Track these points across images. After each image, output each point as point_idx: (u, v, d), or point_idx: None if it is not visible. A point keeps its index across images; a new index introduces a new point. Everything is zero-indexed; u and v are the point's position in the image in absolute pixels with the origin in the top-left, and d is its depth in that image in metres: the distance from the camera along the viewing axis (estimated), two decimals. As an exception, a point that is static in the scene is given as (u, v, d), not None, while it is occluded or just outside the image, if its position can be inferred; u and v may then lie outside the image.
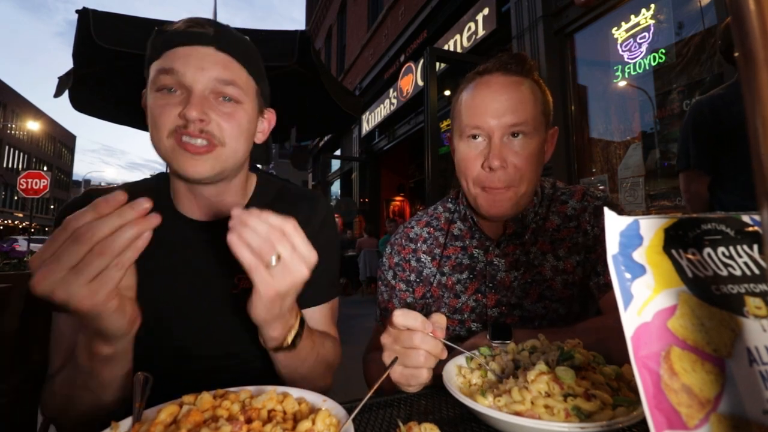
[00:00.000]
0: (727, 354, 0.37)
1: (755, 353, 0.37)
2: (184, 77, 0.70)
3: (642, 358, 0.38)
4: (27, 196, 10.22)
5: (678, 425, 0.35)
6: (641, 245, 0.42)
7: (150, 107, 0.73)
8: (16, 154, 40.14)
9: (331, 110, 3.63)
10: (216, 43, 0.73)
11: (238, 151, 0.77)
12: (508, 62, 0.91)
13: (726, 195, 1.94)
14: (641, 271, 0.41)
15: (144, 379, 0.53)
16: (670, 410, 0.35)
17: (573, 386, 0.57)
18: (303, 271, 0.58)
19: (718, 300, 0.39)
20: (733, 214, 0.44)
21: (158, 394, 0.56)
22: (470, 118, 0.90)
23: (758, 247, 0.42)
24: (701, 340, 0.38)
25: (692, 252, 0.42)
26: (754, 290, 0.40)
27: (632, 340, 0.38)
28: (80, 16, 2.57)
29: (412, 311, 0.68)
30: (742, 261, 0.41)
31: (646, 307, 0.40)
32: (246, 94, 0.77)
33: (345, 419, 0.51)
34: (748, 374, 0.36)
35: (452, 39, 6.48)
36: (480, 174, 0.91)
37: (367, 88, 10.56)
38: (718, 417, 0.35)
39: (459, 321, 1.01)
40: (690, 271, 0.41)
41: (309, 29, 16.18)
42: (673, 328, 0.39)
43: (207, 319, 0.81)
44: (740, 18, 0.24)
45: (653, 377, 0.37)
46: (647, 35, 3.81)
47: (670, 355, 0.38)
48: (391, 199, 12.27)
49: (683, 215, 0.44)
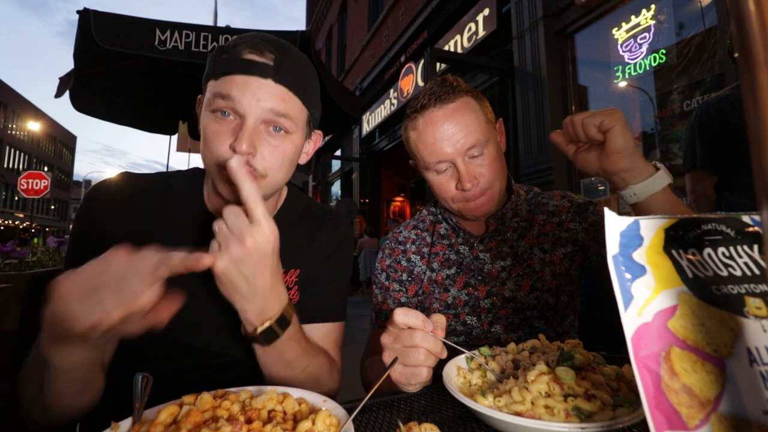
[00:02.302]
0: (728, 354, 0.37)
1: (755, 353, 0.37)
2: (239, 105, 0.71)
3: (642, 358, 0.38)
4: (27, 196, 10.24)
5: (678, 426, 0.35)
6: (641, 245, 0.42)
7: (203, 127, 0.75)
8: (17, 155, 40.19)
9: (331, 111, 3.64)
10: (275, 75, 0.73)
11: (277, 180, 0.79)
12: (439, 93, 0.96)
13: (733, 195, 1.94)
14: (641, 271, 0.41)
15: (144, 380, 0.53)
16: (670, 410, 0.36)
17: (573, 386, 0.57)
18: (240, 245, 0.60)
19: (719, 300, 0.39)
20: (733, 214, 0.44)
21: (159, 392, 0.56)
22: (431, 156, 0.96)
23: (758, 248, 0.42)
24: (701, 340, 0.38)
25: (692, 252, 0.42)
26: (754, 290, 0.40)
27: (632, 340, 0.38)
28: (81, 17, 2.58)
29: (413, 310, 0.68)
30: (742, 261, 0.41)
31: (646, 307, 0.40)
32: (296, 126, 0.78)
33: (345, 419, 0.51)
34: (748, 374, 0.36)
35: (453, 39, 6.48)
36: (456, 194, 0.97)
37: (368, 89, 10.57)
38: (718, 417, 0.35)
39: (454, 315, 1.04)
40: (690, 271, 0.41)
41: (309, 29, 16.18)
42: (673, 328, 0.39)
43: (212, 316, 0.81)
44: (740, 18, 0.24)
45: (653, 377, 0.37)
46: (648, 36, 3.81)
47: (671, 355, 0.38)
48: (392, 200, 12.28)
49: (683, 216, 0.44)
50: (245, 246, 0.60)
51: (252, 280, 0.62)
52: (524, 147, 4.76)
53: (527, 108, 4.76)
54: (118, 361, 0.78)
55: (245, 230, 0.60)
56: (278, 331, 0.67)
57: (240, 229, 0.60)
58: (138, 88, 3.54)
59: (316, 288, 0.87)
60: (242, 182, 0.60)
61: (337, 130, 10.08)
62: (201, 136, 0.76)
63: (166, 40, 2.73)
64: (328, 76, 3.26)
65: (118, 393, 0.76)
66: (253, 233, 0.60)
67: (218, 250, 0.60)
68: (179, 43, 2.75)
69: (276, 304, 0.67)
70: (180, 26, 2.80)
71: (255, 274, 0.62)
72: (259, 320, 0.65)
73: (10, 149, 38.79)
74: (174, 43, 2.74)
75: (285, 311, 0.68)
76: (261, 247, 0.61)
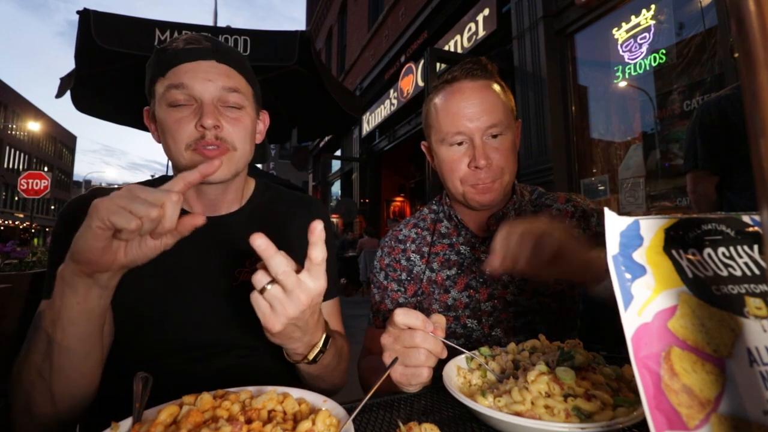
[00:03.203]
0: (728, 354, 0.37)
1: (755, 354, 0.37)
2: (193, 90, 0.77)
3: (642, 358, 0.38)
4: (27, 196, 10.24)
5: (678, 426, 0.35)
6: (641, 246, 0.42)
7: (163, 122, 0.79)
8: (17, 155, 40.17)
9: (331, 111, 3.64)
10: (215, 56, 0.80)
11: (246, 153, 0.84)
12: (472, 68, 0.98)
13: (733, 195, 1.94)
14: (641, 271, 0.41)
15: (144, 380, 0.53)
16: (670, 411, 0.35)
17: (573, 386, 0.57)
18: (303, 301, 0.58)
19: (719, 300, 0.39)
20: (733, 214, 0.44)
21: (159, 392, 0.56)
22: (450, 125, 0.96)
23: (758, 248, 0.42)
24: (701, 340, 0.38)
25: (692, 252, 0.42)
26: (754, 291, 0.40)
27: (632, 340, 0.38)
28: (81, 17, 2.58)
29: (413, 310, 0.68)
30: (742, 261, 0.41)
31: (646, 307, 0.40)
32: (246, 99, 0.84)
33: (345, 419, 0.51)
34: (748, 375, 0.36)
35: (453, 39, 6.48)
36: (467, 173, 0.97)
37: (368, 89, 10.57)
38: (718, 417, 0.35)
39: (454, 317, 1.03)
40: (690, 271, 0.41)
41: (309, 29, 16.18)
42: (673, 328, 0.39)
43: (208, 312, 0.82)
44: (740, 18, 0.24)
45: (653, 378, 0.37)
46: (648, 36, 3.81)
47: (671, 355, 0.38)
48: (392, 200, 12.27)
49: (683, 215, 0.44)
50: (302, 305, 0.58)
51: (305, 327, 0.64)
52: (524, 147, 4.76)
53: (527, 108, 4.76)
54: (118, 361, 0.78)
55: (301, 289, 0.58)
56: (324, 349, 0.71)
57: (294, 289, 0.58)
58: (138, 88, 3.54)
59: None
60: (315, 245, 0.58)
61: (337, 130, 10.07)
62: (161, 132, 0.80)
63: (165, 40, 2.73)
64: (328, 76, 3.26)
65: (118, 393, 0.76)
66: (310, 289, 0.59)
67: (272, 312, 0.58)
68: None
69: (320, 332, 0.70)
70: (179, 26, 2.80)
71: (308, 323, 0.63)
72: (308, 350, 0.69)
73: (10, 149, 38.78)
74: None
75: (327, 332, 0.72)
76: (315, 300, 0.60)
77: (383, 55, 9.54)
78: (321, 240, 0.58)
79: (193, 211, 0.87)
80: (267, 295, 0.58)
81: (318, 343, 0.69)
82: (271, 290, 0.58)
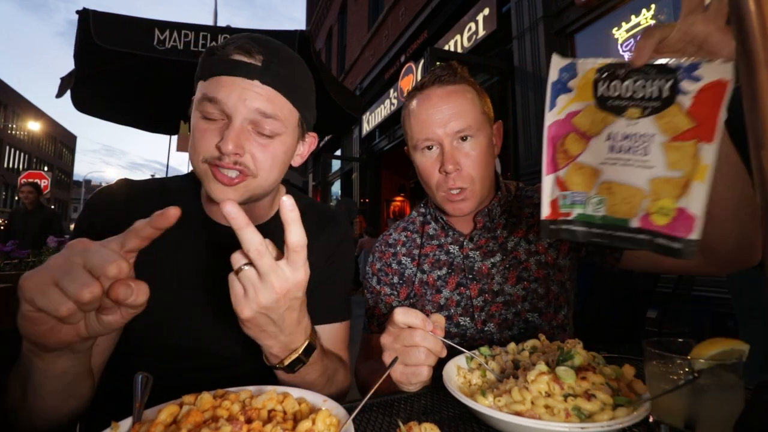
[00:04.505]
0: (595, 134, 0.62)
1: (612, 133, 0.60)
2: (225, 106, 0.71)
3: (551, 138, 0.65)
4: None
5: (554, 168, 0.65)
6: (576, 77, 0.63)
7: (192, 127, 0.75)
8: (17, 155, 40.14)
9: (331, 110, 3.63)
10: (262, 76, 0.72)
11: (269, 180, 0.78)
12: (441, 75, 0.99)
13: None
14: (568, 90, 0.64)
15: (144, 380, 0.53)
16: (553, 162, 0.65)
17: (573, 386, 0.57)
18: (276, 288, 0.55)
19: (608, 107, 0.61)
20: (663, 61, 0.57)
21: (160, 392, 0.56)
22: (420, 132, 0.98)
23: (672, 82, 0.56)
24: (584, 127, 0.63)
25: (611, 81, 0.60)
26: (641, 104, 0.58)
27: (548, 128, 0.65)
28: (80, 17, 2.58)
29: (412, 309, 0.68)
30: (650, 89, 0.58)
31: (563, 110, 0.64)
32: (285, 126, 0.77)
33: (345, 419, 0.51)
34: (600, 143, 0.61)
35: (453, 39, 6.48)
36: (439, 179, 0.98)
37: (368, 89, 10.56)
38: (574, 163, 0.63)
39: (447, 317, 1.03)
40: (599, 91, 0.61)
41: (309, 29, 16.17)
42: (574, 122, 0.63)
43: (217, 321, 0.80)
44: (740, 18, 0.24)
45: (552, 148, 0.65)
46: (648, 35, 3.81)
47: (567, 137, 0.64)
48: (392, 200, 12.27)
49: (613, 60, 0.61)
50: (276, 293, 0.55)
51: (280, 322, 0.59)
52: (524, 147, 4.76)
53: (527, 108, 4.76)
54: (117, 361, 0.78)
55: (276, 275, 0.54)
56: (303, 359, 0.66)
57: (269, 273, 0.54)
58: (138, 87, 3.54)
59: (320, 289, 0.86)
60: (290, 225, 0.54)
61: (337, 130, 10.07)
62: (191, 136, 0.76)
63: (165, 39, 2.73)
64: (328, 76, 3.26)
65: (118, 393, 0.76)
66: (287, 278, 0.55)
67: (244, 296, 0.55)
68: (178, 42, 2.75)
69: (301, 336, 0.65)
70: (179, 26, 2.80)
71: (283, 317, 0.59)
72: (285, 353, 0.64)
73: (10, 149, 38.76)
74: (173, 42, 2.74)
75: (310, 339, 0.67)
76: (293, 293, 0.57)
77: (383, 54, 9.54)
78: (296, 221, 0.54)
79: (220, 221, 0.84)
80: (241, 277, 0.55)
81: (298, 348, 0.64)
82: (246, 272, 0.54)
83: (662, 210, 0.55)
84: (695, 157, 0.54)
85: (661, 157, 0.56)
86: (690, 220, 0.53)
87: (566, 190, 0.63)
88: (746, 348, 0.51)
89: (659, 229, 0.56)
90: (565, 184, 0.63)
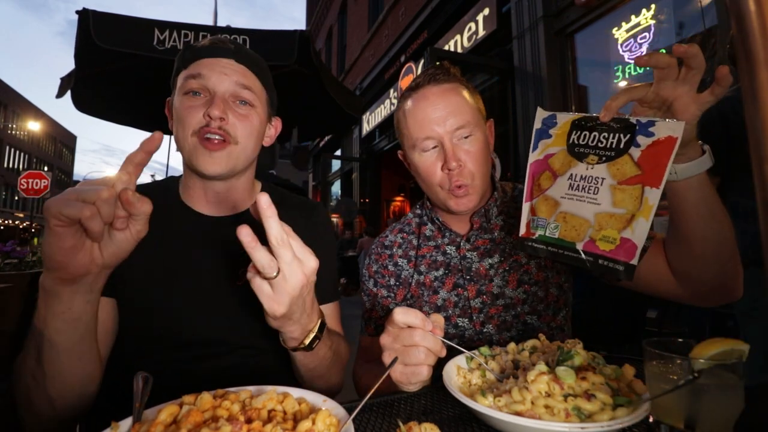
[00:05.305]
0: (562, 173, 0.74)
1: (573, 174, 0.72)
2: (208, 81, 0.83)
3: (532, 174, 0.78)
4: (28, 196, 10.23)
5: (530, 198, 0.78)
6: (556, 125, 0.77)
7: (177, 109, 0.84)
8: (17, 155, 40.14)
9: (331, 110, 3.64)
10: (235, 56, 0.87)
11: (248, 149, 0.87)
12: (435, 74, 1.01)
13: (736, 196, 1.94)
14: (549, 136, 0.78)
15: (144, 380, 0.53)
16: (531, 193, 0.78)
17: (573, 386, 0.57)
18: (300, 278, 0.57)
19: (575, 153, 0.74)
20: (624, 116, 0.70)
21: (162, 389, 0.56)
22: (419, 131, 0.97)
23: (629, 136, 0.68)
24: (555, 166, 0.75)
25: (582, 131, 0.74)
26: (598, 153, 0.71)
27: (530, 166, 0.79)
28: (80, 17, 2.58)
29: (412, 309, 0.68)
30: (610, 141, 0.70)
31: (542, 152, 0.78)
32: (258, 100, 0.89)
33: (345, 419, 0.51)
34: (563, 181, 0.73)
35: (453, 39, 6.48)
36: (443, 177, 0.98)
37: (368, 89, 10.56)
38: (543, 195, 0.76)
39: (445, 318, 1.02)
40: (572, 139, 0.74)
41: (309, 29, 16.17)
42: (550, 162, 0.76)
43: (213, 311, 0.82)
44: (740, 18, 0.24)
45: (531, 182, 0.78)
46: (648, 35, 3.81)
47: (542, 174, 0.77)
48: (392, 200, 12.27)
49: (585, 114, 0.74)
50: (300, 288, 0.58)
51: (303, 308, 0.63)
52: (524, 147, 4.76)
53: (527, 108, 4.76)
54: (121, 359, 0.78)
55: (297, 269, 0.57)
56: (319, 335, 0.70)
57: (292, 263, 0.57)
58: (138, 87, 3.54)
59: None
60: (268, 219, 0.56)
61: (337, 130, 10.07)
62: (174, 120, 0.86)
63: (165, 39, 2.73)
64: (328, 76, 3.26)
65: (118, 393, 0.76)
66: (305, 270, 0.58)
67: (273, 293, 0.57)
68: (178, 42, 2.75)
69: (315, 315, 0.69)
70: (179, 26, 2.80)
71: (306, 303, 0.63)
72: (304, 335, 0.68)
73: (10, 149, 38.76)
74: (173, 42, 2.74)
75: (321, 317, 0.71)
76: (311, 280, 0.60)
77: (383, 54, 9.54)
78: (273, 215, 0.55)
79: (201, 211, 0.90)
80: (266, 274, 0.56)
81: (314, 327, 0.69)
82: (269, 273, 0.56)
83: (606, 238, 0.66)
84: (640, 199, 0.65)
85: (607, 197, 0.68)
86: (632, 248, 0.64)
87: (535, 215, 0.76)
88: (746, 348, 0.51)
89: (603, 253, 0.66)
90: (535, 211, 0.76)
